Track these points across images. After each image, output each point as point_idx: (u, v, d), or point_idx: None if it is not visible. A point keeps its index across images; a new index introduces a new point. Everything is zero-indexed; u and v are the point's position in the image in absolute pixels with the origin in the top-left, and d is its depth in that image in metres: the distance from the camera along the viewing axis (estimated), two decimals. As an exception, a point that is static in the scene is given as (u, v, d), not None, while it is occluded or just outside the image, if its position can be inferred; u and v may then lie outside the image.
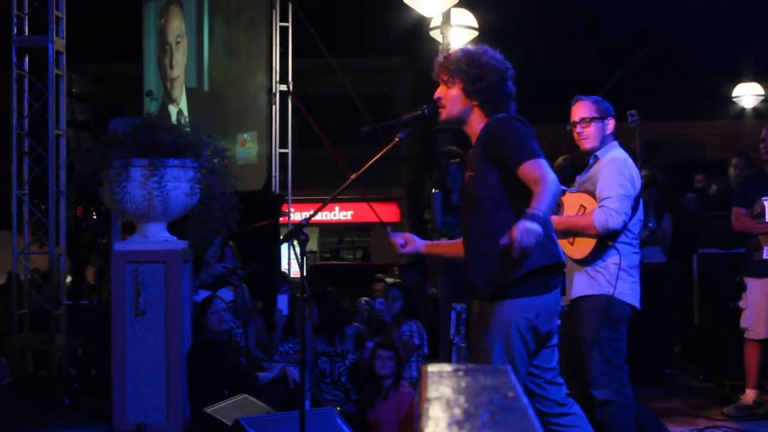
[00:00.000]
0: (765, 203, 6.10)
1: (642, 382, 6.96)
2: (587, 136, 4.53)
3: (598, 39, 19.81)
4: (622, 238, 4.37)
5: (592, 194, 4.41)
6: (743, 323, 6.25)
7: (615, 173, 4.36)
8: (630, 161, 4.47)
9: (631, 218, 4.38)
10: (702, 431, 5.86)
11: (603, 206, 4.28)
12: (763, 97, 14.58)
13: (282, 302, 6.53)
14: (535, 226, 3.13)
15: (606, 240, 4.32)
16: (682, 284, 7.73)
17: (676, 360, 7.82)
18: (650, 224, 7.62)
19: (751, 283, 6.22)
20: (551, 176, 3.28)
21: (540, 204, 3.20)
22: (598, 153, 4.52)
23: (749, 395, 6.21)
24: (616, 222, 4.24)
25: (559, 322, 5.17)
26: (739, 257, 6.54)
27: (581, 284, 4.40)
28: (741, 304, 6.29)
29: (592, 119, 4.52)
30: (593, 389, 4.35)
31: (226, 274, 6.58)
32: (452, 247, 3.94)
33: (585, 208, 4.40)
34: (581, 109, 4.56)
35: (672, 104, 19.38)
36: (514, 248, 3.12)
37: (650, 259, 7.59)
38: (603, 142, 4.52)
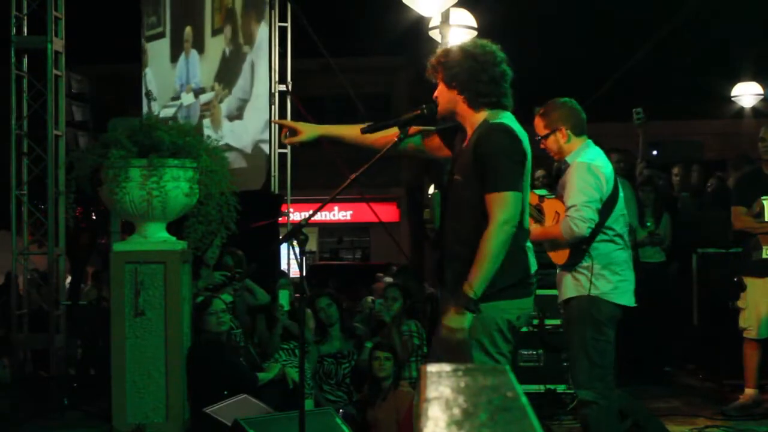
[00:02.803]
0: (764, 203, 6.10)
1: (641, 382, 6.98)
2: (550, 150, 4.57)
3: (598, 39, 19.82)
4: (601, 236, 4.36)
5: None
6: (742, 323, 6.25)
7: (578, 179, 4.35)
8: (597, 162, 4.40)
9: (608, 216, 4.36)
10: (701, 431, 5.86)
11: (567, 215, 4.31)
12: (761, 97, 14.60)
13: (282, 298, 6.52)
14: (459, 323, 3.36)
15: (580, 245, 4.34)
16: (681, 284, 7.73)
17: (675, 359, 7.82)
18: (647, 224, 7.63)
19: (750, 282, 6.22)
20: (501, 221, 3.35)
21: (474, 280, 3.34)
22: (567, 158, 4.50)
23: (748, 395, 6.21)
24: (581, 230, 4.25)
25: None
26: (737, 257, 6.55)
27: (568, 287, 4.44)
28: (739, 303, 6.28)
29: (545, 137, 4.53)
30: (576, 388, 4.40)
31: (225, 283, 6.57)
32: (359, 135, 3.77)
33: (559, 215, 4.43)
34: (536, 128, 4.58)
35: (671, 103, 19.39)
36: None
37: (649, 259, 7.61)
38: (566, 150, 4.50)
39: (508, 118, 3.54)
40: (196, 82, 10.52)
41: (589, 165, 4.37)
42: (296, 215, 11.63)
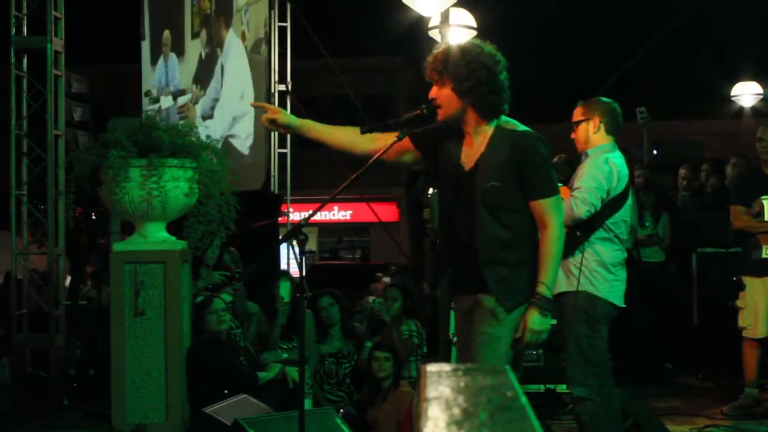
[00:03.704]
0: (764, 202, 6.10)
1: (641, 382, 6.97)
2: (576, 139, 4.67)
3: (597, 39, 19.83)
4: (601, 233, 4.40)
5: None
6: (741, 322, 6.25)
7: (592, 167, 4.46)
8: (615, 160, 4.49)
9: (610, 215, 4.40)
10: (701, 430, 5.86)
11: (571, 196, 4.38)
12: (761, 97, 14.61)
13: (283, 289, 6.52)
14: (544, 325, 3.49)
15: (576, 231, 4.36)
16: (681, 283, 7.73)
17: (675, 359, 7.82)
18: (646, 224, 7.63)
19: (749, 282, 6.21)
20: (558, 224, 3.54)
21: (547, 276, 3.50)
22: (589, 150, 4.59)
23: (748, 394, 6.21)
24: (580, 210, 4.31)
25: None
26: (737, 256, 6.54)
27: (560, 280, 4.43)
28: (739, 303, 6.28)
29: (578, 123, 4.63)
30: (571, 386, 4.41)
31: (224, 282, 6.57)
32: (332, 134, 3.78)
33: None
34: (573, 115, 4.70)
35: (670, 103, 19.40)
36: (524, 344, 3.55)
37: (649, 259, 7.61)
38: (592, 142, 4.56)
39: (522, 125, 3.61)
40: (174, 84, 10.67)
41: (607, 158, 4.48)
42: (296, 215, 11.62)
